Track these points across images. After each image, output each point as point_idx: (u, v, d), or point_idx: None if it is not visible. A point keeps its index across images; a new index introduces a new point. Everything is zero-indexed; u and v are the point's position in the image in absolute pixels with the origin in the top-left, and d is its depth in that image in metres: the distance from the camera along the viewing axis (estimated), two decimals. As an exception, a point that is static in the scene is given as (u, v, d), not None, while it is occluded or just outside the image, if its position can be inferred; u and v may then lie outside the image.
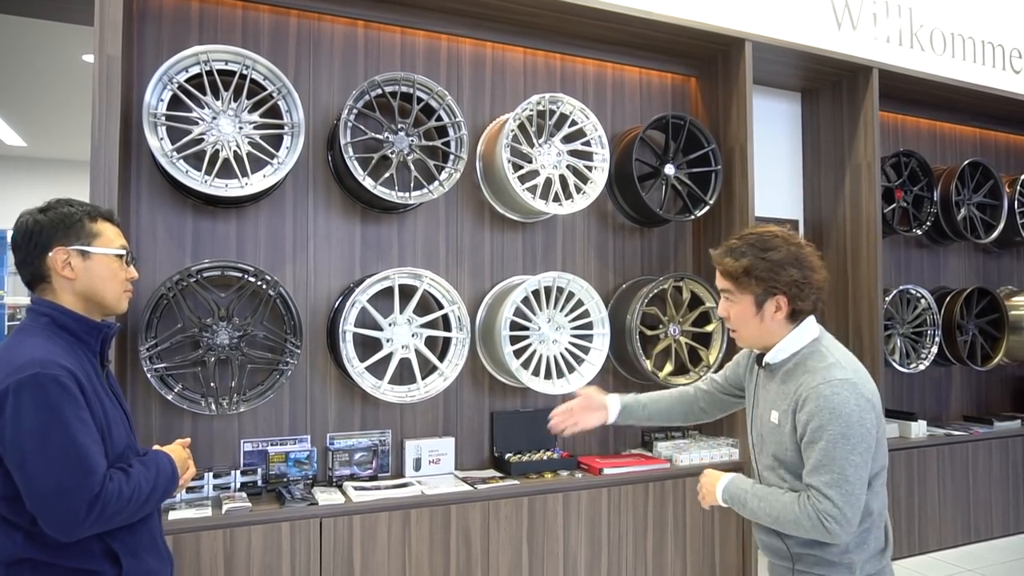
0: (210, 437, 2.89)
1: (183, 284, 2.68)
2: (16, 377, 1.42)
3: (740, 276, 1.66)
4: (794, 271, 1.64)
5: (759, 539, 1.81)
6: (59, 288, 1.59)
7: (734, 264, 1.67)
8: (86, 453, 1.44)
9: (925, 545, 4.22)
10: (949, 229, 4.52)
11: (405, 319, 3.01)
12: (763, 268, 1.64)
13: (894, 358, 4.30)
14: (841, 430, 1.55)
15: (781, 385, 1.70)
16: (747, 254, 1.66)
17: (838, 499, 1.54)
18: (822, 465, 1.56)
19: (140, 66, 2.84)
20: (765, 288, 1.65)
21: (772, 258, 1.64)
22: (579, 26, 3.46)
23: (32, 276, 1.60)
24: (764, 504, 1.64)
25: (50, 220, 1.58)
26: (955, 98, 4.61)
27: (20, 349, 1.49)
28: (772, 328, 1.69)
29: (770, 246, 1.65)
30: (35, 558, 1.47)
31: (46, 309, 1.58)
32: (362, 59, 3.22)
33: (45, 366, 1.44)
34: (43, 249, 1.57)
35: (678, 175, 3.63)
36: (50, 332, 1.55)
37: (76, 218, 1.60)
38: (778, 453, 1.69)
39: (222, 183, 2.71)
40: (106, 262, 1.62)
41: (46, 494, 1.41)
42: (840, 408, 1.56)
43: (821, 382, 1.60)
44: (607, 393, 2.06)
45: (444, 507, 2.87)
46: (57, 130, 6.78)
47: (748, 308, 1.68)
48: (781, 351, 1.71)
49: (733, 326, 1.75)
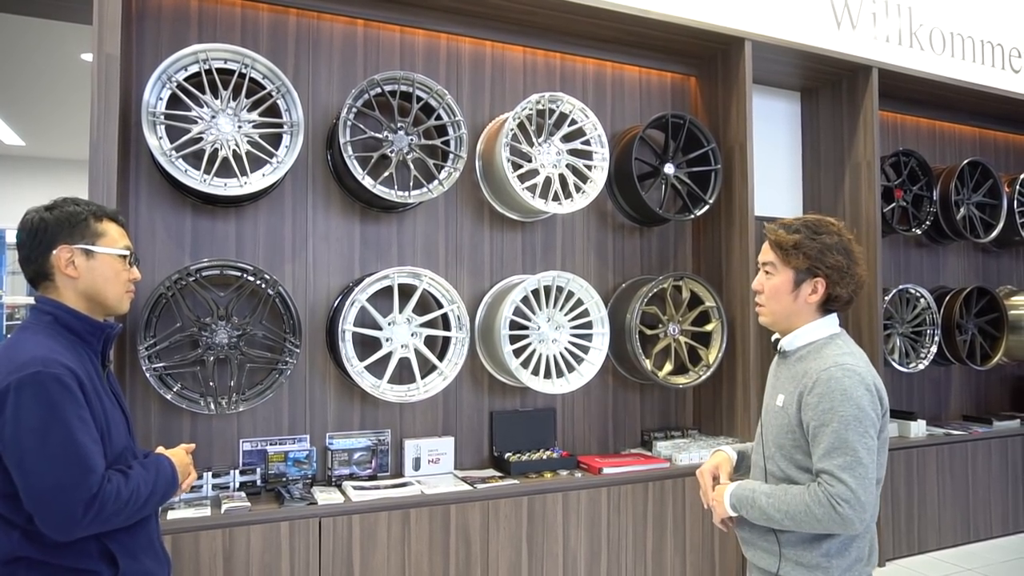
0: (209, 437, 2.88)
1: (182, 283, 2.67)
2: (18, 375, 1.42)
3: (789, 248, 1.69)
4: (840, 258, 1.68)
5: (743, 538, 1.78)
6: (62, 287, 1.59)
7: (786, 236, 1.71)
8: (85, 452, 1.44)
9: (924, 544, 4.22)
10: (948, 228, 4.51)
11: (404, 318, 3.00)
12: (813, 247, 1.68)
13: (893, 357, 4.30)
14: (853, 412, 1.55)
15: (791, 369, 1.72)
16: (800, 231, 1.70)
17: (852, 482, 1.52)
18: (835, 448, 1.55)
19: (139, 65, 2.84)
20: (809, 266, 1.68)
21: (823, 240, 1.68)
22: (579, 25, 3.46)
23: (36, 274, 1.59)
24: (774, 500, 1.62)
25: (55, 218, 1.58)
26: (954, 97, 4.61)
27: (22, 347, 1.48)
28: (801, 310, 1.72)
29: (823, 230, 1.70)
30: (31, 557, 1.46)
31: (49, 308, 1.57)
32: (361, 58, 3.21)
33: (47, 364, 1.44)
34: (47, 247, 1.57)
35: (678, 174, 3.63)
36: (52, 331, 1.55)
37: (82, 217, 1.60)
38: (778, 438, 1.69)
39: (221, 182, 2.70)
40: (109, 262, 1.62)
41: (44, 492, 1.41)
42: (851, 391, 1.57)
43: (832, 365, 1.61)
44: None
45: (443, 507, 2.87)
46: (56, 129, 6.76)
47: (786, 283, 1.71)
48: (798, 338, 1.73)
49: (763, 300, 1.77)
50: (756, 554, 1.74)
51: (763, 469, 1.75)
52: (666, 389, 3.76)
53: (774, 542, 1.68)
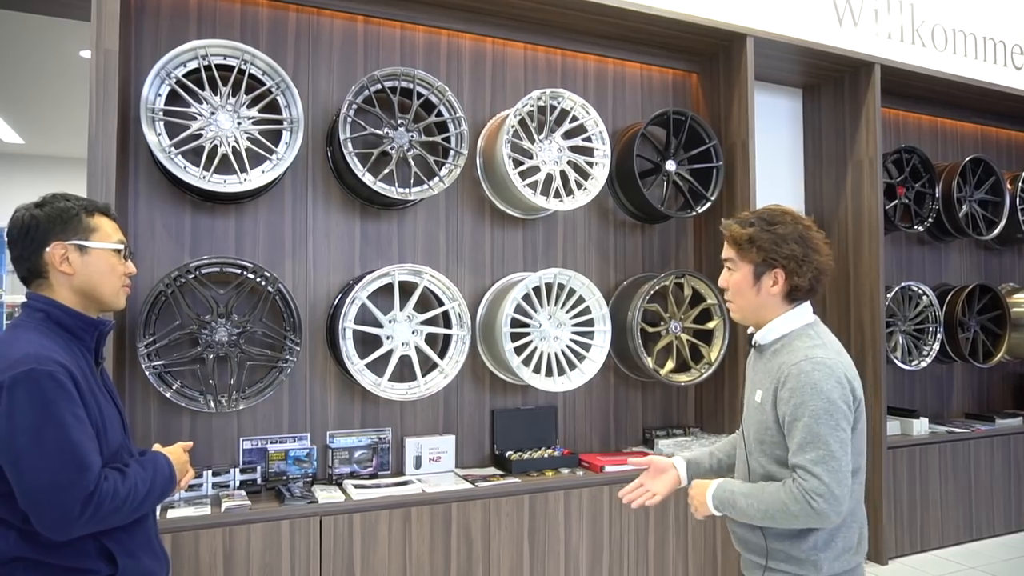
0: (209, 435, 2.87)
1: (181, 281, 2.66)
2: (11, 372, 1.40)
3: (743, 243, 1.69)
4: (796, 247, 1.66)
5: (733, 531, 1.79)
6: (56, 284, 1.57)
7: (739, 231, 1.70)
8: (81, 450, 1.42)
9: (927, 543, 4.21)
10: (951, 226, 4.50)
11: (405, 316, 2.99)
12: (766, 239, 1.67)
13: (896, 355, 4.29)
14: (823, 406, 1.55)
15: (767, 364, 1.71)
16: (754, 224, 1.69)
17: (825, 476, 1.52)
18: (807, 443, 1.55)
19: (138, 61, 2.82)
20: (765, 258, 1.67)
21: (777, 231, 1.67)
22: (580, 21, 3.44)
23: (29, 272, 1.57)
24: (752, 500, 1.63)
25: (47, 215, 1.56)
26: (957, 94, 4.60)
27: (15, 344, 1.46)
28: (767, 302, 1.71)
29: (777, 220, 1.69)
30: (28, 557, 1.45)
31: (41, 305, 1.55)
32: (361, 54, 3.20)
33: (40, 361, 1.42)
34: (40, 244, 1.55)
35: (679, 171, 3.61)
36: (45, 327, 1.53)
37: (73, 212, 1.58)
38: (759, 433, 1.69)
39: (220, 179, 2.69)
40: (104, 257, 1.60)
41: (39, 491, 1.39)
42: (821, 384, 1.56)
43: (802, 359, 1.60)
44: (668, 455, 2.06)
45: (445, 505, 2.86)
46: (55, 127, 6.75)
47: (746, 278, 1.71)
48: (772, 331, 1.72)
49: (730, 297, 1.77)
50: (745, 548, 1.75)
51: (746, 465, 1.76)
52: (668, 387, 3.74)
53: (760, 536, 1.69)
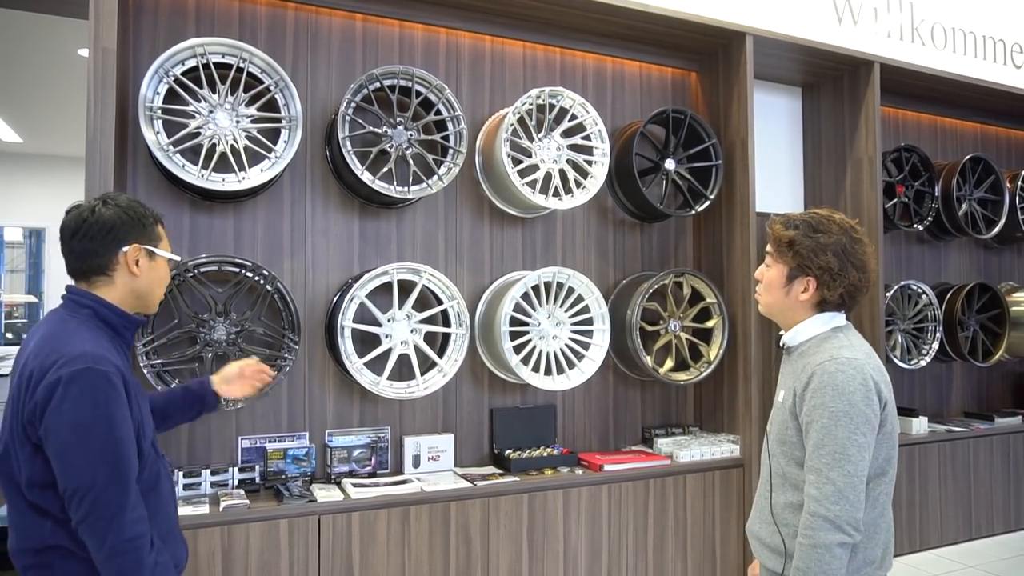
0: (207, 434, 2.86)
1: (180, 279, 2.65)
2: (69, 369, 1.44)
3: (782, 245, 1.67)
4: (833, 259, 1.62)
5: (751, 532, 1.76)
6: (119, 283, 1.61)
7: (781, 232, 1.68)
8: (124, 453, 1.47)
9: (927, 542, 4.21)
10: (950, 224, 4.50)
11: (404, 315, 2.98)
12: (806, 245, 1.64)
13: (895, 354, 4.29)
14: (843, 408, 1.51)
15: (793, 365, 1.70)
16: (799, 228, 1.66)
17: (839, 479, 1.48)
18: (822, 444, 1.51)
19: (136, 59, 2.81)
20: (800, 264, 1.65)
21: (819, 240, 1.63)
22: (579, 20, 3.44)
23: (93, 268, 1.60)
24: (799, 570, 1.53)
25: (129, 216, 1.62)
26: (956, 93, 4.59)
27: (72, 340, 1.49)
28: (794, 306, 1.69)
29: (822, 228, 1.65)
30: (63, 545, 1.49)
31: (88, 301, 1.59)
32: (360, 52, 3.19)
33: (98, 362, 1.46)
34: (120, 243, 1.60)
35: (678, 170, 3.61)
36: (93, 324, 1.57)
37: (149, 220, 1.67)
38: (780, 434, 1.67)
39: (219, 177, 2.69)
40: (164, 266, 1.71)
41: (79, 489, 1.42)
42: (844, 386, 1.52)
43: (827, 359, 1.57)
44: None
45: (443, 504, 2.85)
46: (53, 126, 6.74)
47: (780, 278, 1.70)
48: (799, 333, 1.70)
49: (761, 290, 1.75)
50: (764, 554, 1.72)
51: (768, 467, 1.73)
52: (667, 386, 3.74)
53: (780, 542, 1.66)
